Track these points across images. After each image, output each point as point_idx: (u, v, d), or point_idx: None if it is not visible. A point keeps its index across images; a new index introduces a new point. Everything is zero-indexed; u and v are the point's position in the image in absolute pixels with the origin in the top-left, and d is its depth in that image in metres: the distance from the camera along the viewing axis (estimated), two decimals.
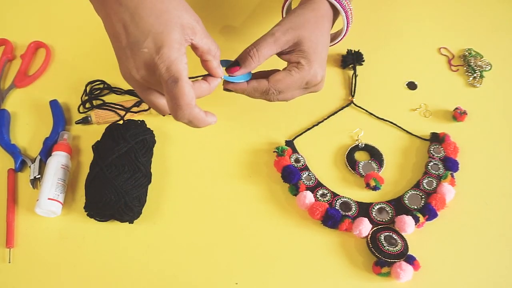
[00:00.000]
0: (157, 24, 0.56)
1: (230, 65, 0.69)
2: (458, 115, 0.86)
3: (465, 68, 0.94)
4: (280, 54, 0.71)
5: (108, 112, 0.85)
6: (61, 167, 0.78)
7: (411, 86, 0.92)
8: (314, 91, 0.74)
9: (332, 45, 0.82)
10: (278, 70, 0.70)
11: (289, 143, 0.83)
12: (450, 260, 0.74)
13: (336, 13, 0.76)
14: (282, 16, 0.81)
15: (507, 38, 0.98)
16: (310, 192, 0.78)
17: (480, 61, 0.94)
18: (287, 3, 0.80)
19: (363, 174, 0.81)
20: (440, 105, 0.89)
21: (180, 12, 0.58)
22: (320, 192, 0.79)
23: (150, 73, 0.57)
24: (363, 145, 0.84)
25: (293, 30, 0.69)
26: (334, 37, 0.83)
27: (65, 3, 1.00)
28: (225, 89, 0.71)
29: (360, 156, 0.84)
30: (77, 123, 0.85)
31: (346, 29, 0.79)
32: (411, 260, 0.72)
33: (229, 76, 0.69)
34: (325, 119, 0.87)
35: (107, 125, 0.80)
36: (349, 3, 0.75)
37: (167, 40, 0.55)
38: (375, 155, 0.83)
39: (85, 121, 0.85)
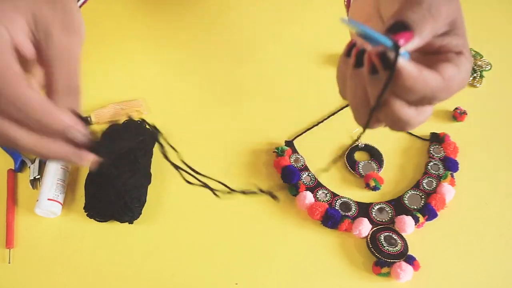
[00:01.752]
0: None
1: (394, 27, 0.39)
2: (458, 115, 0.86)
3: None
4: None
5: (108, 111, 0.85)
6: (61, 167, 0.78)
7: None
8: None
9: None
10: (443, 63, 0.41)
11: (289, 143, 0.83)
12: (450, 260, 0.74)
13: None
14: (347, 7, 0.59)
15: (507, 38, 0.98)
16: (310, 192, 0.78)
17: (480, 61, 0.94)
18: None
19: (363, 174, 0.81)
20: (440, 105, 0.88)
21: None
22: (320, 192, 0.79)
23: None
24: (363, 145, 0.84)
25: (443, 4, 0.41)
26: None
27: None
28: (386, 62, 0.38)
29: (360, 156, 0.84)
30: None
31: None
32: (411, 260, 0.72)
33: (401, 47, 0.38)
34: (325, 119, 0.87)
35: (107, 125, 0.80)
36: None
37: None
38: (375, 155, 0.83)
39: (85, 121, 0.84)
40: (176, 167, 0.51)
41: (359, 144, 0.84)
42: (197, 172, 0.50)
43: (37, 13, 0.42)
